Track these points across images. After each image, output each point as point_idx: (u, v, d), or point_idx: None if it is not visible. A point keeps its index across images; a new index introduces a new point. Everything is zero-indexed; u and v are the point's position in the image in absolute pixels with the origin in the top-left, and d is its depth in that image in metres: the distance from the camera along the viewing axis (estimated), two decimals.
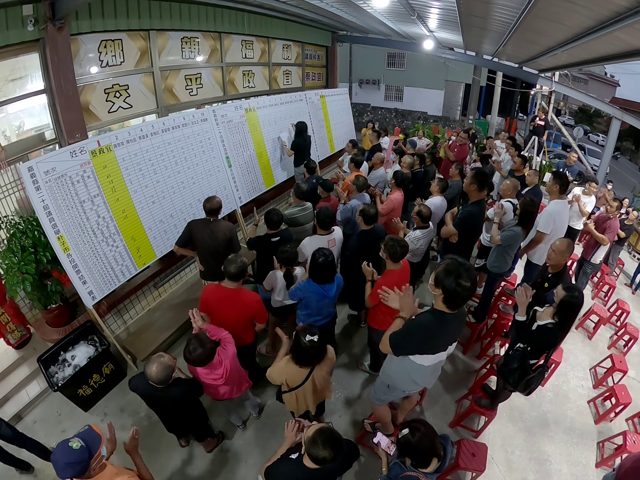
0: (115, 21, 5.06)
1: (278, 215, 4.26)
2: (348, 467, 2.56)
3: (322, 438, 2.10)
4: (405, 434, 2.25)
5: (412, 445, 2.23)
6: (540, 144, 11.52)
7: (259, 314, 3.54)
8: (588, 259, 5.90)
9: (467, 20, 6.98)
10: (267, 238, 4.25)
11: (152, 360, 2.69)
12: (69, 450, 1.98)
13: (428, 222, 4.61)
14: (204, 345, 2.81)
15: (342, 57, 15.84)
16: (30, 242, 4.02)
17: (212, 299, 3.42)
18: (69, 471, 1.97)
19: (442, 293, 2.37)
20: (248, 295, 3.46)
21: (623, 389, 4.51)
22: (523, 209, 4.40)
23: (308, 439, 2.15)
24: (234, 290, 3.36)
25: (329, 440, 2.10)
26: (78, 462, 1.98)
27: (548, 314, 3.25)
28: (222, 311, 3.41)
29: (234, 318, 3.43)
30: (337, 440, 2.14)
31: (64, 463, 1.96)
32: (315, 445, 2.09)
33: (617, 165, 23.03)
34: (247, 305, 3.44)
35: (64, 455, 1.98)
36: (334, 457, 2.09)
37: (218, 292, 3.41)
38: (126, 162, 4.41)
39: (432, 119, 22.91)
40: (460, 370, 4.87)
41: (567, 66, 10.39)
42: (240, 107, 6.24)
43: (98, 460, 2.10)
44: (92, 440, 2.10)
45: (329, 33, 10.91)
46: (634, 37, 5.04)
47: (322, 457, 2.08)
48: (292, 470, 2.29)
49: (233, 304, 3.38)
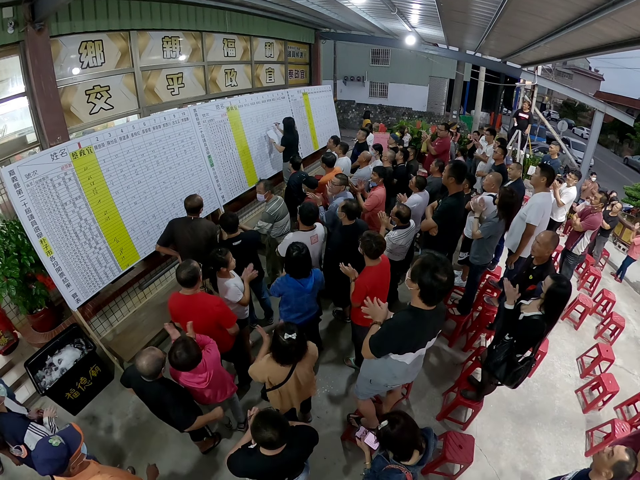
0: (95, 22, 5.01)
1: (233, 217, 4.18)
2: (308, 452, 2.58)
3: (262, 421, 2.14)
4: (385, 425, 2.27)
5: (391, 437, 2.25)
6: (524, 138, 11.61)
7: (221, 317, 3.40)
8: (570, 250, 5.96)
9: (448, 15, 7.01)
10: (228, 243, 4.17)
11: (143, 353, 2.69)
12: (49, 447, 2.04)
13: (408, 221, 4.59)
14: (189, 350, 2.78)
15: (326, 54, 15.84)
16: (14, 246, 4.00)
17: (175, 307, 3.36)
18: (48, 467, 2.03)
19: (418, 288, 2.37)
20: (205, 300, 3.36)
21: (610, 378, 4.58)
22: (502, 200, 4.43)
23: (251, 426, 2.19)
24: (190, 296, 3.29)
25: (268, 421, 2.14)
26: (57, 459, 2.04)
27: (534, 306, 3.25)
28: (186, 319, 3.29)
29: (197, 324, 3.29)
30: (277, 419, 2.17)
31: (43, 459, 2.03)
32: (258, 429, 2.13)
33: (602, 158, 23.29)
34: (205, 310, 3.32)
35: (43, 452, 2.04)
36: (280, 437, 2.13)
37: (178, 300, 3.34)
38: (107, 164, 4.39)
39: (416, 114, 22.96)
40: (446, 362, 4.90)
41: (550, 59, 10.49)
42: (221, 105, 6.24)
43: (78, 459, 2.14)
44: (72, 439, 2.15)
45: (311, 30, 10.90)
46: (612, 28, 5.10)
47: (268, 439, 2.12)
48: (250, 459, 2.33)
49: (192, 311, 3.29)
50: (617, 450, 2.40)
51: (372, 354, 2.73)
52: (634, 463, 2.37)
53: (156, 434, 3.93)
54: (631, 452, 2.41)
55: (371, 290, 3.46)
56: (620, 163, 27.66)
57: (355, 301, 3.59)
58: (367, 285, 3.47)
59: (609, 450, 2.42)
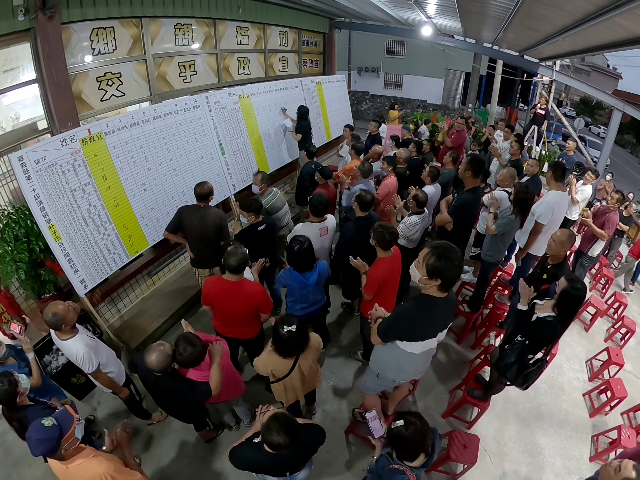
0: (107, 9, 4.96)
1: (257, 202, 4.15)
2: (312, 452, 2.55)
3: (275, 424, 2.10)
4: (399, 425, 2.21)
5: (403, 438, 2.18)
6: (540, 134, 11.43)
7: (263, 304, 3.42)
8: (585, 252, 5.81)
9: (465, 6, 6.87)
10: (253, 228, 4.17)
11: (152, 349, 2.64)
12: (42, 428, 2.07)
13: (424, 207, 4.55)
14: (194, 344, 2.72)
15: (341, 44, 15.68)
16: (23, 232, 4.02)
17: (213, 292, 3.34)
18: (40, 448, 2.06)
19: (438, 280, 2.32)
20: (251, 287, 3.37)
21: (619, 383, 4.49)
22: (517, 196, 4.34)
23: (263, 426, 2.15)
24: (235, 282, 3.27)
25: (282, 426, 2.09)
26: (48, 439, 2.06)
27: (548, 307, 3.17)
28: (225, 304, 3.34)
29: (237, 311, 3.37)
30: (291, 426, 2.12)
31: (35, 439, 2.05)
32: (270, 431, 2.09)
33: (618, 158, 22.91)
34: (250, 297, 3.34)
35: (36, 432, 2.07)
36: (290, 443, 2.09)
37: (219, 285, 3.31)
38: (117, 150, 4.37)
39: (431, 107, 22.76)
40: (454, 360, 4.86)
41: (568, 54, 10.25)
42: (233, 93, 6.19)
43: (71, 442, 2.16)
44: (65, 421, 2.18)
45: (326, 19, 10.74)
46: (634, 23, 4.94)
47: (277, 443, 2.08)
48: (253, 454, 2.31)
49: (236, 297, 3.30)
50: (625, 466, 2.30)
51: (380, 340, 2.72)
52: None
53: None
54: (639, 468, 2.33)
55: (383, 281, 3.43)
56: (636, 164, 27.16)
57: (367, 294, 3.54)
58: (379, 276, 3.42)
59: (617, 465, 2.32)
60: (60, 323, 2.87)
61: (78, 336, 3.04)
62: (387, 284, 3.52)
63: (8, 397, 2.65)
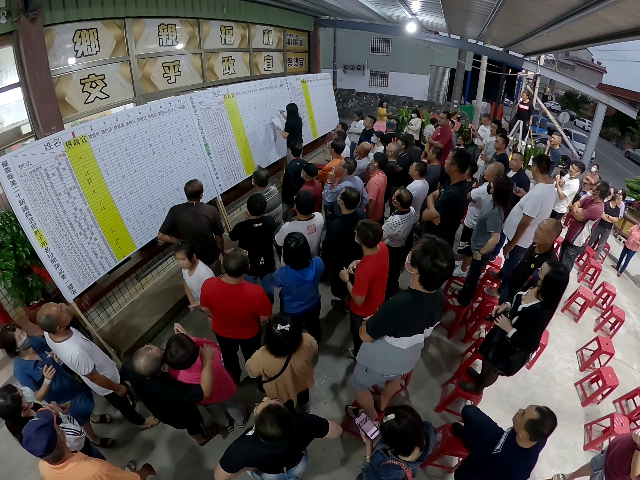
0: (89, 10, 4.90)
1: (261, 201, 4.16)
2: (308, 441, 2.54)
3: (269, 416, 2.09)
4: (391, 419, 2.22)
5: (395, 432, 2.20)
6: (525, 128, 11.53)
7: (262, 307, 3.44)
8: (571, 242, 5.92)
9: (449, 2, 6.89)
10: (249, 224, 4.17)
11: (140, 353, 2.62)
12: (33, 421, 2.07)
13: (408, 206, 4.53)
14: (185, 346, 2.71)
15: (326, 42, 15.64)
16: (9, 238, 3.95)
17: (214, 294, 3.35)
18: (42, 437, 2.01)
19: (418, 272, 2.36)
20: (251, 290, 3.37)
21: (610, 372, 4.56)
22: (497, 188, 4.39)
23: (256, 418, 2.14)
24: (235, 285, 3.27)
25: (276, 418, 2.08)
26: (46, 424, 2.05)
27: (532, 295, 3.21)
28: (225, 307, 3.35)
29: (237, 313, 3.38)
30: (285, 417, 2.12)
31: (34, 432, 2.02)
32: (263, 423, 2.08)
33: (603, 151, 23.18)
34: (251, 300, 3.35)
35: (31, 426, 2.05)
36: (283, 435, 2.08)
37: (219, 287, 3.32)
38: (102, 153, 4.31)
39: (417, 103, 22.85)
40: (446, 354, 4.88)
41: (553, 49, 10.36)
42: (218, 93, 6.13)
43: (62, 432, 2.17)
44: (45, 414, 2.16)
45: (311, 18, 10.74)
46: (618, 17, 4.99)
47: (271, 435, 2.07)
48: (248, 446, 2.29)
49: (236, 300, 3.31)
50: (528, 409, 2.46)
51: (369, 337, 2.74)
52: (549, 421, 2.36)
53: None
54: (543, 409, 2.42)
55: (372, 278, 3.43)
56: (621, 156, 27.57)
57: (358, 294, 3.50)
58: (368, 274, 3.41)
59: (522, 410, 2.50)
60: (54, 325, 2.84)
61: (73, 338, 3.01)
62: (376, 281, 3.51)
63: (12, 414, 2.56)
